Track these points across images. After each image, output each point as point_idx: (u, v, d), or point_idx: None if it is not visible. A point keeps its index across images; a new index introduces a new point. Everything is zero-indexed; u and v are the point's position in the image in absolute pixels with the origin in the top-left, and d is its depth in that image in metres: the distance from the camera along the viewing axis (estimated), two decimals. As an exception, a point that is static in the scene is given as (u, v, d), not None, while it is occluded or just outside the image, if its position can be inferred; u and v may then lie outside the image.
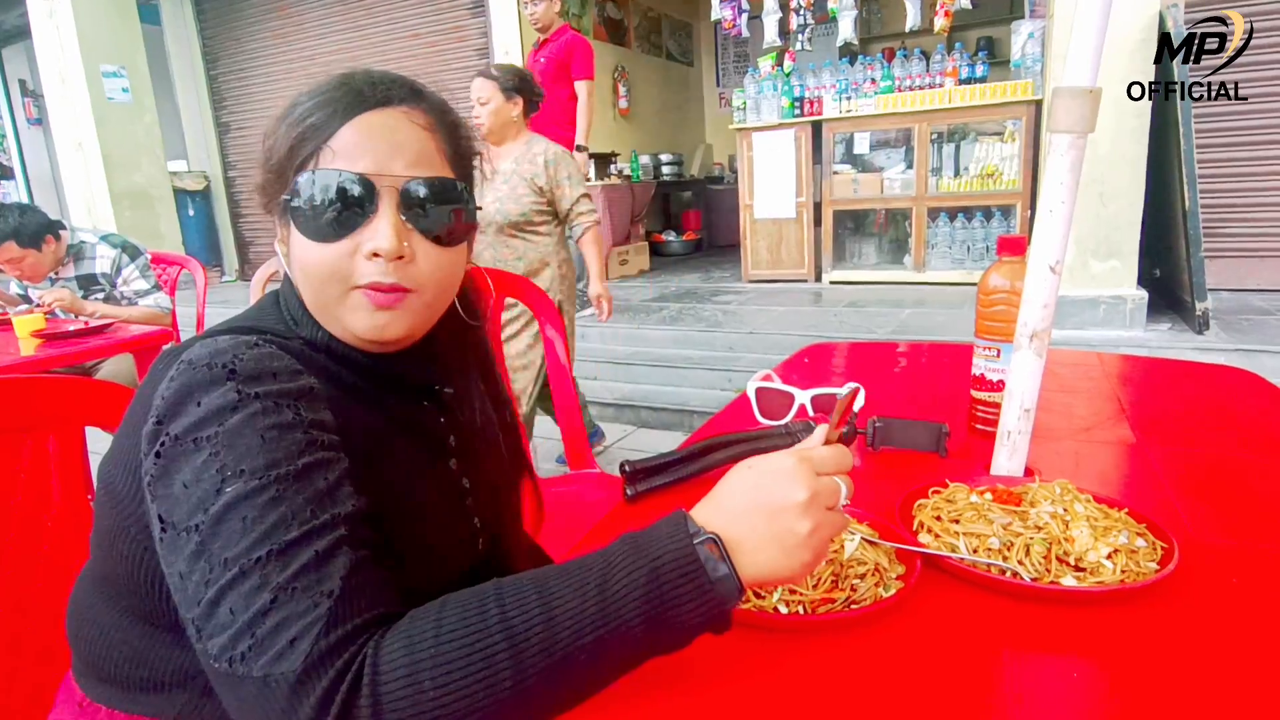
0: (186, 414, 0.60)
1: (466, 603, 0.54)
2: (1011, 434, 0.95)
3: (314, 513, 0.57)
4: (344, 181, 0.68)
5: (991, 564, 0.70)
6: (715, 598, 0.55)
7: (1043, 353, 0.93)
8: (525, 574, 0.57)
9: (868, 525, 0.77)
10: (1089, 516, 0.74)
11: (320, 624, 0.52)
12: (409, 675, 0.51)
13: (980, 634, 0.64)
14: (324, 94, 0.70)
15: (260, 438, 0.59)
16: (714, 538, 0.55)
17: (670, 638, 0.55)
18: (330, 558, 0.56)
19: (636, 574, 0.54)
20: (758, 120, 5.43)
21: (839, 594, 0.66)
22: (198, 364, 0.62)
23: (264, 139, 0.73)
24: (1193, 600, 0.67)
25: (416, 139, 0.72)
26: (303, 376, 0.65)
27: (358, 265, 0.69)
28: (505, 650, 0.52)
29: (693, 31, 8.72)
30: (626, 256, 6.62)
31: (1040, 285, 0.91)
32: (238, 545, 0.55)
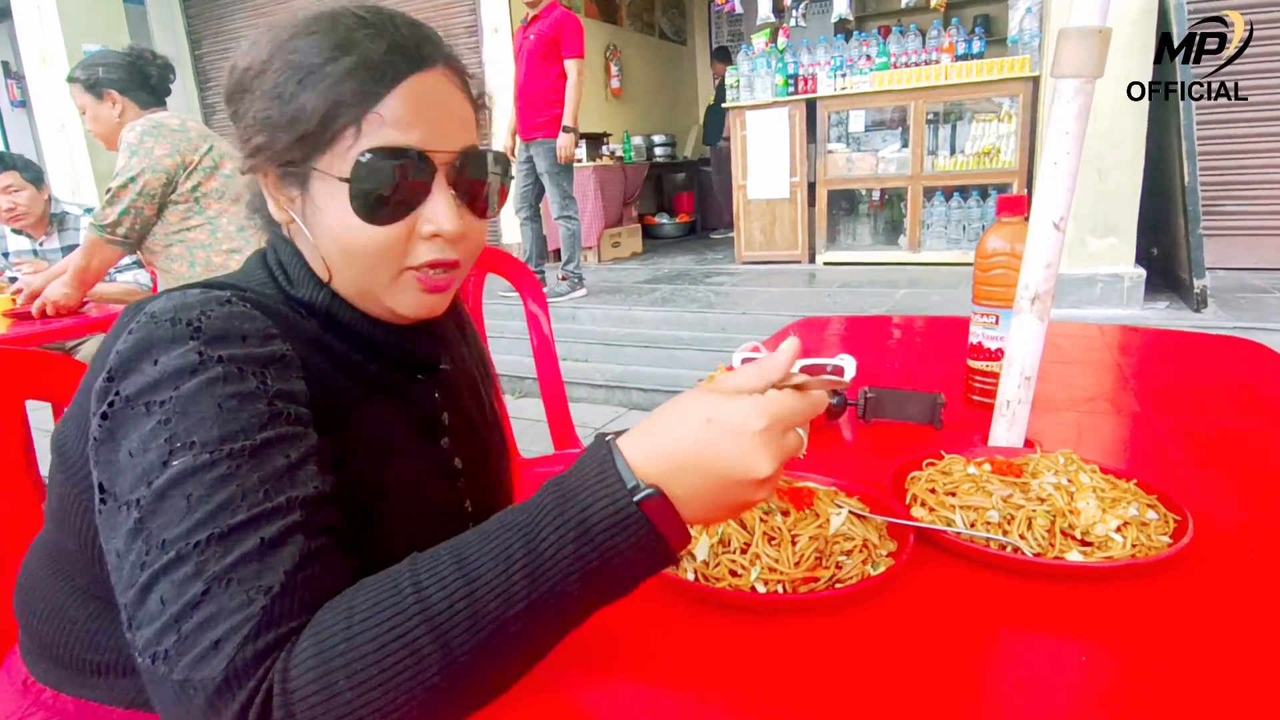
0: (140, 373, 0.54)
1: (379, 586, 0.49)
2: (1011, 403, 0.90)
3: (268, 494, 0.52)
4: (404, 159, 0.62)
5: (991, 538, 0.65)
6: (658, 550, 0.49)
7: (1045, 316, 0.87)
8: (444, 544, 0.51)
9: (857, 499, 0.72)
10: (1095, 488, 0.68)
11: (250, 625, 0.47)
12: (321, 679, 0.45)
13: (978, 614, 0.58)
14: (359, 50, 0.62)
15: (218, 406, 0.53)
16: (655, 491, 0.49)
17: (612, 590, 0.50)
18: (278, 546, 0.50)
19: (565, 531, 0.48)
20: (751, 98, 5.34)
21: (823, 572, 0.60)
22: (160, 318, 0.56)
23: (250, 90, 0.64)
24: (1208, 576, 0.62)
25: (460, 105, 0.67)
26: (275, 341, 0.60)
27: (414, 246, 0.64)
28: (426, 634, 0.46)
29: (685, 9, 8.59)
30: (619, 239, 6.54)
31: (1043, 244, 0.85)
32: (178, 526, 0.50)
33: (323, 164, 0.63)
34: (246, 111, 0.64)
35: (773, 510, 0.65)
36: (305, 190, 0.65)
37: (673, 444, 0.50)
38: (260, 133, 0.63)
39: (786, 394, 0.50)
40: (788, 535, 0.62)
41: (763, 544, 0.62)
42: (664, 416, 0.51)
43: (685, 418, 0.50)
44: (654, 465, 0.50)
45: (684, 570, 0.62)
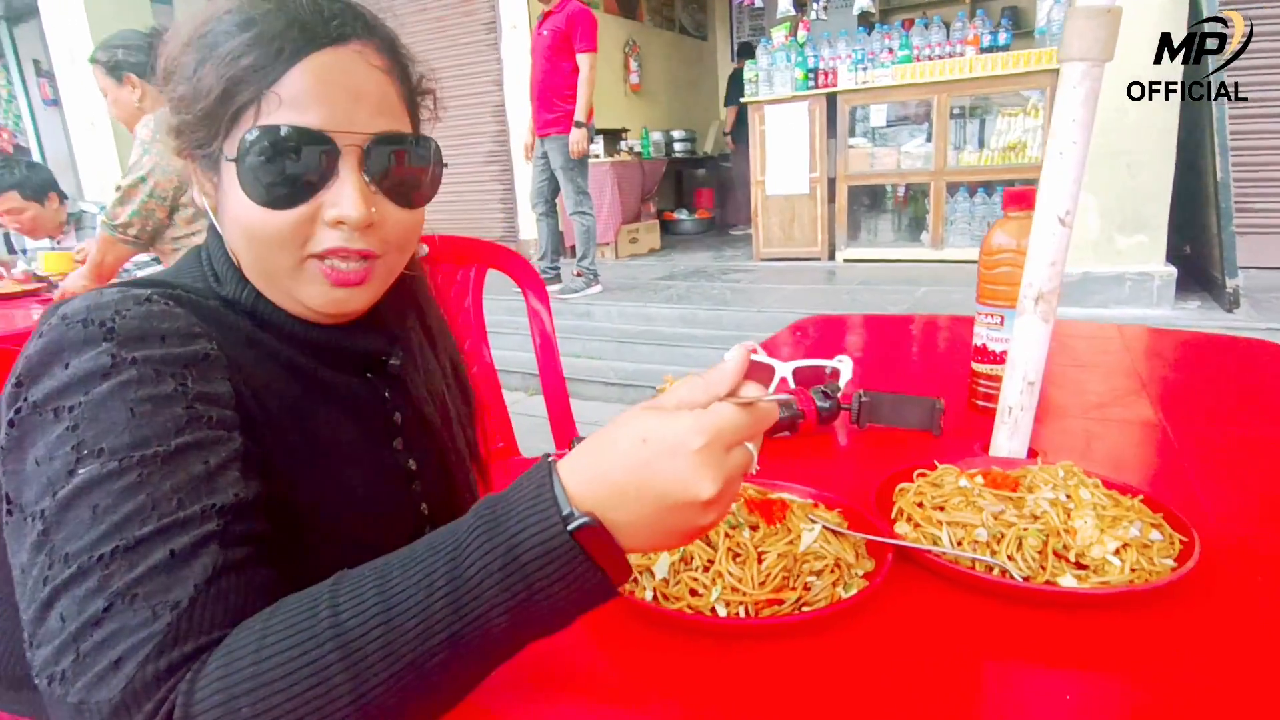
0: (51, 377, 0.51)
1: (298, 606, 0.45)
2: (1013, 410, 0.84)
3: (181, 503, 0.49)
4: (299, 140, 0.58)
5: (977, 559, 0.59)
6: (593, 584, 0.45)
7: (1050, 318, 0.81)
8: (371, 564, 0.47)
9: (838, 513, 0.67)
10: (1096, 505, 0.63)
11: (153, 643, 0.44)
12: (225, 704, 0.42)
13: (959, 642, 0.53)
14: (259, 25, 0.59)
15: (130, 411, 0.50)
16: (590, 520, 0.44)
17: (544, 624, 0.46)
18: (189, 559, 0.47)
19: (492, 559, 0.44)
20: (770, 93, 5.26)
21: (789, 594, 0.56)
22: (72, 319, 0.53)
23: (175, 71, 0.62)
24: (1214, 603, 0.56)
25: (376, 84, 0.62)
26: (198, 341, 0.56)
27: (317, 231, 0.60)
28: (338, 663, 0.42)
29: (706, 4, 8.51)
30: (636, 235, 6.50)
31: (1047, 239, 0.79)
32: (82, 539, 0.47)
33: (226, 146, 0.60)
34: (169, 95, 0.62)
35: (740, 525, 0.60)
36: (219, 174, 0.62)
37: (608, 467, 0.45)
38: (176, 114, 0.62)
39: (726, 408, 0.45)
40: (753, 552, 0.58)
41: (726, 561, 0.57)
42: (602, 437, 0.47)
43: (621, 438, 0.46)
44: (590, 490, 0.45)
45: (642, 589, 0.58)
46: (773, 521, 0.62)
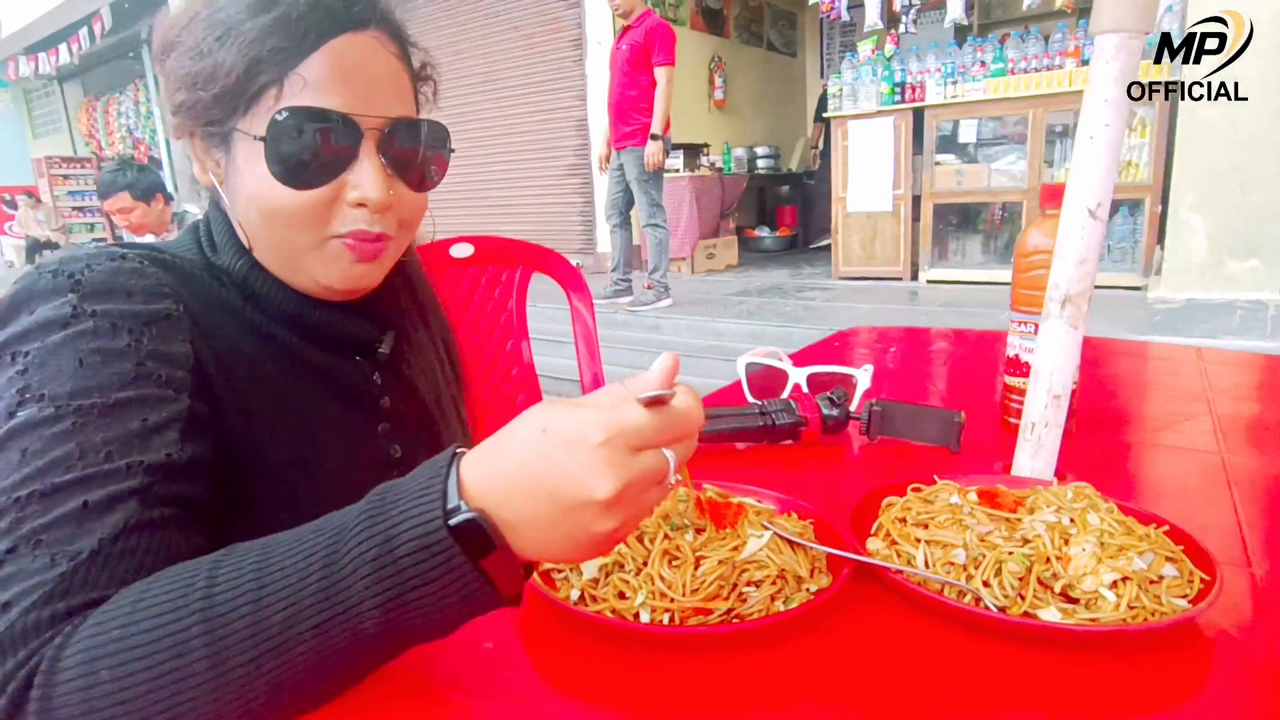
0: (15, 323, 0.53)
1: (178, 575, 0.43)
2: (1036, 426, 0.75)
3: (109, 456, 0.49)
4: (325, 123, 0.59)
5: (947, 583, 0.52)
6: (474, 587, 0.41)
7: (1079, 323, 0.72)
8: (265, 539, 0.45)
9: (808, 524, 0.61)
10: (1104, 531, 0.54)
11: (42, 590, 0.43)
12: (86, 664, 0.40)
13: (913, 672, 0.47)
14: (283, 6, 0.59)
15: (78, 361, 0.51)
16: (476, 517, 0.41)
17: (421, 627, 0.42)
18: (103, 512, 0.47)
19: (368, 549, 0.41)
20: (854, 108, 5.13)
21: (719, 604, 0.50)
22: (44, 270, 0.56)
23: (177, 46, 0.62)
24: (1226, 654, 0.47)
25: (392, 71, 0.64)
26: (163, 301, 0.57)
27: (338, 212, 0.62)
28: (200, 637, 0.40)
29: (796, 21, 8.41)
30: (713, 250, 6.45)
31: (1076, 235, 0.70)
32: (6, 479, 0.47)
33: (243, 124, 0.60)
34: (170, 70, 0.62)
35: (685, 526, 0.55)
36: (228, 152, 0.62)
37: (505, 459, 0.42)
38: (181, 90, 0.61)
39: (634, 406, 0.41)
40: (691, 556, 0.53)
41: (659, 564, 0.52)
42: (506, 430, 0.44)
43: (521, 428, 0.43)
44: (485, 484, 0.42)
45: (569, 587, 0.54)
46: (722, 526, 0.57)
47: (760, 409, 0.87)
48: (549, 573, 0.56)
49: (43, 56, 10.70)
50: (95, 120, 11.58)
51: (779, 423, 0.86)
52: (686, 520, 0.56)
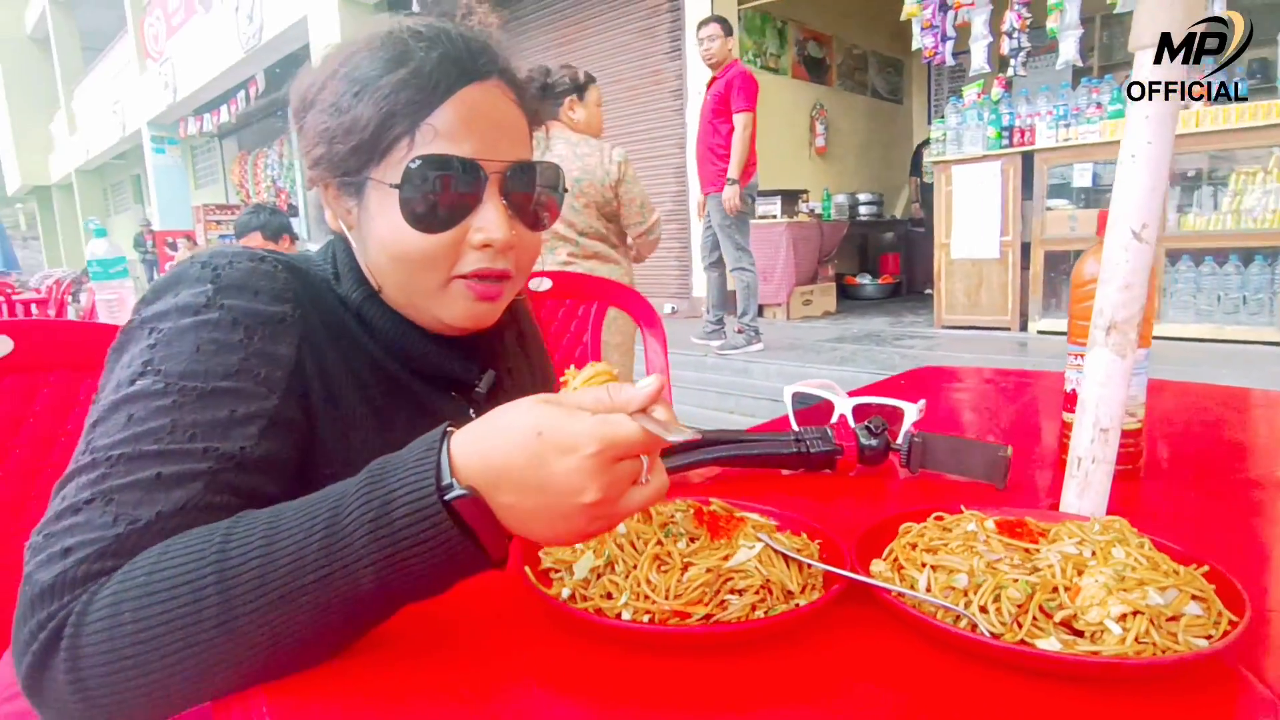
0: (161, 301, 0.60)
1: (200, 534, 0.48)
2: (1083, 462, 0.71)
3: (192, 437, 0.54)
4: (454, 168, 0.63)
5: (942, 605, 0.50)
6: (462, 552, 0.45)
7: (1126, 351, 0.68)
8: (277, 505, 0.49)
9: (818, 543, 0.60)
10: (1128, 565, 0.51)
11: (98, 546, 0.48)
12: (111, 607, 0.45)
13: (893, 696, 0.45)
14: (414, 61, 0.63)
15: (196, 347, 0.57)
16: (469, 493, 0.45)
17: (413, 587, 0.46)
18: (171, 486, 0.52)
19: (367, 512, 0.45)
20: (958, 152, 5.00)
21: (698, 609, 0.50)
22: (196, 260, 0.63)
23: (315, 103, 0.66)
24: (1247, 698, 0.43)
25: (513, 117, 0.69)
26: (283, 304, 0.63)
27: (464, 254, 0.66)
28: (213, 585, 0.45)
29: (903, 69, 8.33)
30: (810, 297, 6.37)
31: (1120, 258, 0.67)
32: (109, 437, 0.53)
33: (377, 173, 0.64)
34: (309, 126, 0.67)
35: (681, 535, 0.56)
36: (360, 200, 0.67)
37: (498, 450, 0.46)
38: (319, 144, 0.66)
39: (625, 421, 0.45)
40: (679, 562, 0.53)
41: (648, 568, 0.53)
42: (497, 420, 0.48)
43: (516, 426, 0.47)
44: (475, 468, 0.46)
45: (560, 586, 0.55)
46: (717, 536, 0.56)
47: (796, 436, 0.86)
48: (546, 572, 0.57)
49: (207, 117, 12.01)
50: (246, 172, 12.83)
51: (813, 450, 0.84)
52: (682, 529, 0.56)
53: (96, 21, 16.38)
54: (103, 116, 16.09)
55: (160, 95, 12.97)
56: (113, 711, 0.45)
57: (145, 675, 0.44)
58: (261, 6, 9.48)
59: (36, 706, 0.46)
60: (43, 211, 22.25)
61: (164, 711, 0.46)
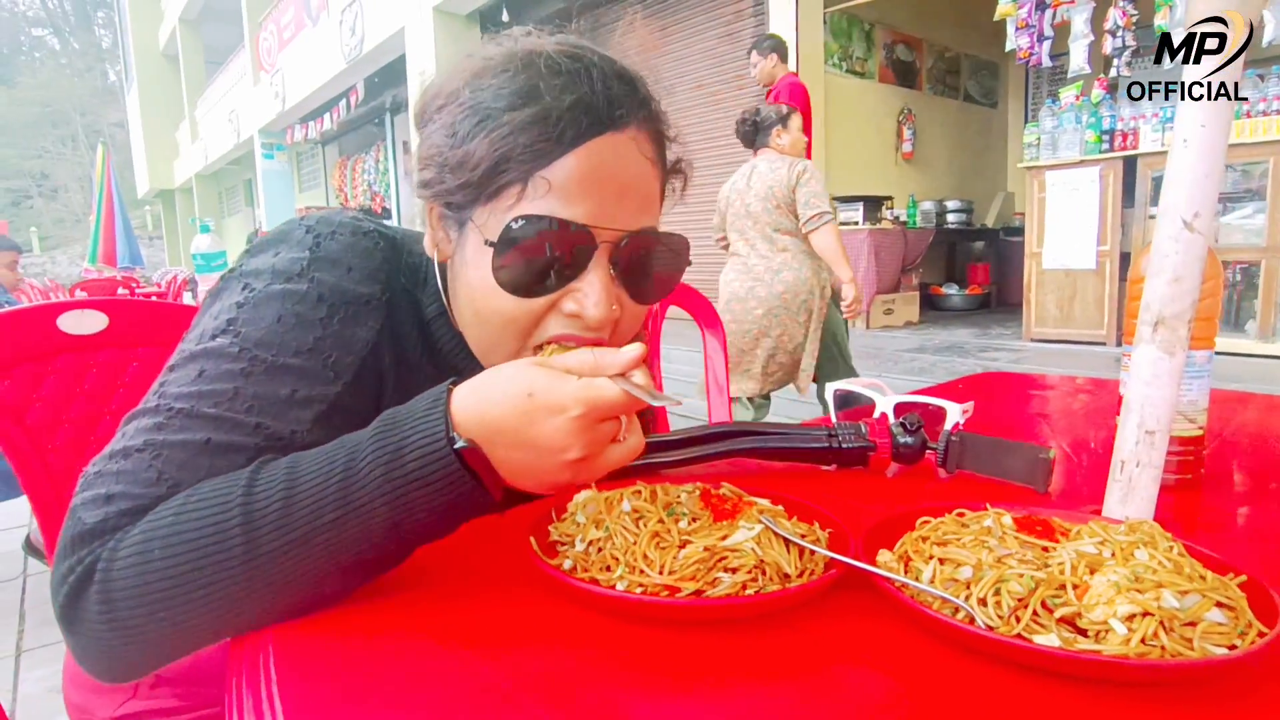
0: (262, 258, 0.62)
1: (226, 479, 0.51)
2: (1126, 465, 0.67)
3: (249, 409, 0.55)
4: (562, 236, 0.56)
5: (940, 596, 0.48)
6: (466, 489, 0.49)
7: (1175, 349, 0.64)
8: (297, 453, 0.52)
9: (828, 532, 0.59)
10: (1149, 568, 0.48)
11: (140, 502, 0.51)
12: (142, 543, 0.49)
13: (878, 682, 0.44)
14: (544, 101, 0.56)
15: (278, 317, 0.58)
16: (469, 445, 0.49)
17: (423, 525, 0.50)
18: (215, 455, 0.54)
19: (381, 455, 0.48)
20: (1053, 157, 4.77)
21: (688, 584, 0.50)
22: (305, 223, 0.64)
23: (435, 119, 0.62)
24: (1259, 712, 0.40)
25: (644, 177, 0.61)
26: (373, 285, 0.62)
27: (551, 319, 0.60)
28: (239, 524, 0.48)
29: (998, 72, 8.01)
30: (891, 306, 6.20)
31: (1170, 249, 0.63)
32: (178, 387, 0.56)
33: (479, 217, 0.59)
34: (425, 140, 0.63)
35: (683, 515, 0.56)
36: (460, 237, 0.62)
37: (493, 410, 0.49)
38: (430, 168, 0.61)
39: (609, 385, 0.49)
40: (677, 540, 0.53)
41: (646, 544, 0.53)
42: (492, 381, 0.51)
43: (509, 388, 0.50)
44: (473, 423, 0.50)
45: (561, 559, 0.56)
46: (720, 518, 0.56)
47: (829, 431, 0.85)
48: (553, 544, 0.59)
49: (312, 124, 12.73)
50: (345, 177, 13.50)
51: (845, 445, 0.83)
52: (686, 509, 0.57)
53: (219, 37, 17.66)
54: (220, 125, 17.28)
55: (270, 104, 13.82)
56: (142, 643, 0.49)
57: (172, 609, 0.48)
58: (363, 19, 9.97)
59: (69, 635, 0.50)
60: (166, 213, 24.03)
61: (189, 645, 0.50)
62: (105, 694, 0.76)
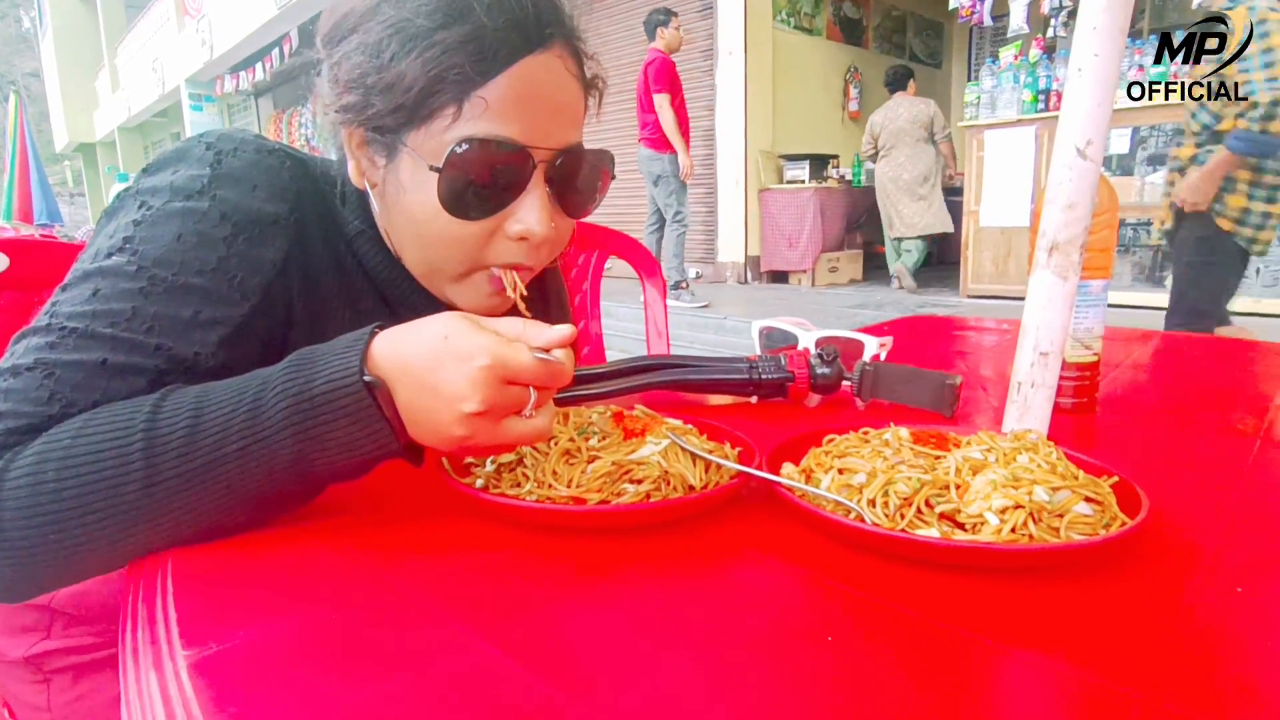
0: (160, 176, 0.59)
1: (130, 402, 0.50)
2: (1022, 387, 0.70)
3: (149, 330, 0.54)
4: (503, 155, 0.58)
5: (835, 500, 0.51)
6: (372, 425, 0.47)
7: (1068, 274, 0.67)
8: (215, 382, 0.51)
9: (738, 451, 0.60)
10: (1027, 469, 0.51)
11: (31, 420, 0.50)
12: (35, 465, 0.47)
13: (775, 582, 0.46)
14: (475, 19, 0.56)
15: (178, 235, 0.56)
16: (378, 383, 0.47)
17: (331, 462, 0.48)
18: (113, 376, 0.52)
19: (290, 387, 0.47)
20: (992, 116, 4.87)
21: (593, 495, 0.51)
22: (204, 140, 0.61)
23: (350, 36, 0.59)
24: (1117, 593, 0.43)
25: (572, 94, 0.62)
26: (280, 205, 0.60)
27: (497, 244, 0.62)
28: (141, 448, 0.46)
29: (943, 32, 8.08)
30: (836, 264, 6.30)
31: (1065, 176, 0.66)
32: (71, 306, 0.53)
33: (414, 140, 0.59)
34: (341, 62, 0.60)
35: (593, 434, 0.57)
36: (391, 162, 0.61)
37: (407, 349, 0.48)
38: (352, 91, 0.59)
39: (524, 349, 0.47)
40: (585, 456, 0.54)
41: (555, 461, 0.54)
42: (416, 324, 0.50)
43: (427, 330, 0.49)
44: (387, 361, 0.48)
45: (473, 479, 0.57)
46: (630, 435, 0.58)
47: (750, 364, 0.87)
48: (467, 466, 0.59)
49: (243, 75, 12.12)
50: (281, 131, 12.94)
51: (765, 377, 0.85)
52: (596, 429, 0.58)
53: (138, -23, 16.59)
54: (143, 74, 16.34)
55: (197, 52, 13.10)
56: (29, 565, 0.47)
57: (63, 532, 0.46)
58: (295, -38, 9.48)
59: None
60: (88, 169, 22.78)
61: (80, 570, 0.48)
62: (18, 634, 0.75)
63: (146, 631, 0.41)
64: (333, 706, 0.33)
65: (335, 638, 0.39)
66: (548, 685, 0.35)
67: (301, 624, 0.40)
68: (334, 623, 0.40)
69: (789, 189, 6.17)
